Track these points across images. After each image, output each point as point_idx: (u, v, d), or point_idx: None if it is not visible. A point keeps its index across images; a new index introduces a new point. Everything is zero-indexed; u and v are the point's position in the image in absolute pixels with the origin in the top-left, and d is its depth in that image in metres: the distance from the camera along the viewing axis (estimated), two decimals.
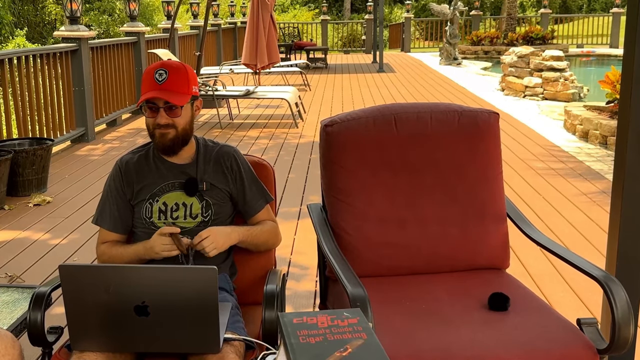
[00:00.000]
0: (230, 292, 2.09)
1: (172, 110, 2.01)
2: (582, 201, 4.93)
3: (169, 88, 2.00)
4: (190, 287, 1.59)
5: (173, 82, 2.01)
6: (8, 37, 19.67)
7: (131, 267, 1.71)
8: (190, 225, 2.07)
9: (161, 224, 2.06)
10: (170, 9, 11.19)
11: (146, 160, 2.14)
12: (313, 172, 5.90)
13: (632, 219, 2.17)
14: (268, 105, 10.10)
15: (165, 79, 1.99)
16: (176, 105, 2.01)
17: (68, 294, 1.61)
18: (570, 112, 7.73)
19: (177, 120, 2.03)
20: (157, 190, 2.09)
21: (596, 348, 1.86)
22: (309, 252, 3.88)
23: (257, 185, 2.18)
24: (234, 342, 1.77)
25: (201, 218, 2.08)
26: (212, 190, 2.10)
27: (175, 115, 2.02)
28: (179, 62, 2.13)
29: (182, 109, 2.03)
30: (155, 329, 1.62)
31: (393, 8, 31.46)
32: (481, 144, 2.39)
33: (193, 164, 2.12)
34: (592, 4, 32.76)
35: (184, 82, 2.03)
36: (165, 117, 2.02)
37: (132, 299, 1.58)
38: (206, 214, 2.08)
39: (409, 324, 1.96)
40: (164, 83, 1.99)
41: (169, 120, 2.02)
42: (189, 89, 2.04)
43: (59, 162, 6.36)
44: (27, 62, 6.42)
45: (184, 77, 2.04)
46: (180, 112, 2.03)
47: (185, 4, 17.60)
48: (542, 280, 3.48)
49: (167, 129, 2.03)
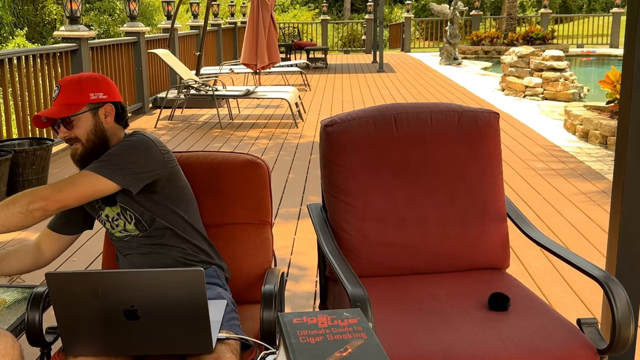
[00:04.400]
0: (224, 286, 2.07)
1: (68, 124, 1.99)
2: (582, 201, 4.93)
3: (59, 102, 1.99)
4: (178, 289, 1.59)
5: (64, 96, 1.99)
6: (8, 37, 19.67)
7: (118, 272, 1.72)
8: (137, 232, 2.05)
9: (118, 233, 2.07)
10: (170, 9, 11.19)
11: None
12: (313, 172, 5.90)
13: (632, 219, 2.17)
14: (268, 105, 10.10)
15: (57, 94, 2.00)
16: (65, 118, 1.98)
17: (57, 301, 1.61)
18: (571, 112, 7.73)
19: (76, 132, 1.99)
20: (97, 207, 2.07)
21: (596, 348, 1.86)
22: (309, 252, 3.88)
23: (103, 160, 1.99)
24: (229, 340, 1.77)
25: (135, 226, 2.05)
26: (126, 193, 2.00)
27: (70, 128, 1.99)
28: (80, 74, 2.10)
29: (77, 118, 1.99)
30: (146, 332, 1.62)
31: (393, 8, 31.46)
32: (481, 144, 2.39)
33: None
34: (592, 4, 32.77)
35: (75, 93, 2.00)
36: (63, 131, 2.00)
37: (121, 304, 1.59)
38: (130, 219, 2.04)
39: (409, 324, 1.96)
40: (56, 99, 2.00)
41: (67, 134, 2.00)
42: (83, 98, 2.00)
43: (59, 162, 6.36)
44: (27, 62, 6.42)
45: (77, 88, 2.01)
46: (79, 122, 1.99)
47: (185, 3, 17.60)
48: (542, 280, 3.48)
49: (74, 143, 2.01)
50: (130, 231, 2.05)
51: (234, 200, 2.26)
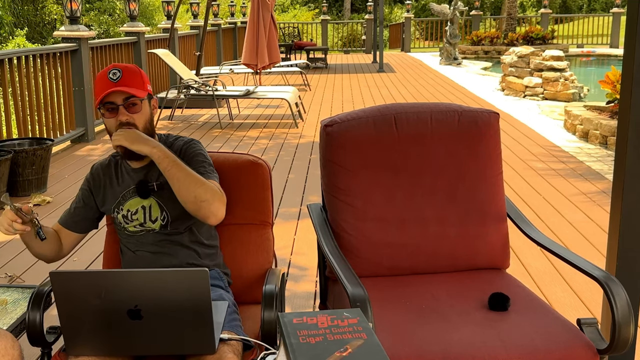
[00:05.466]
0: (226, 288, 2.07)
1: (132, 106, 1.97)
2: (582, 201, 4.93)
3: (125, 84, 1.96)
4: (182, 290, 1.59)
5: (128, 79, 1.97)
6: (8, 37, 19.67)
7: (122, 271, 1.71)
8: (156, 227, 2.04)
9: (132, 228, 2.05)
10: (170, 9, 11.19)
11: (115, 167, 2.12)
12: (313, 172, 5.90)
13: (632, 219, 2.17)
14: (268, 105, 10.10)
15: (120, 77, 1.96)
16: (136, 100, 1.96)
17: (60, 300, 1.61)
18: (571, 112, 7.73)
19: (137, 117, 1.98)
20: (121, 199, 2.07)
21: (596, 348, 1.86)
22: (309, 253, 3.88)
23: (202, 165, 2.06)
24: (231, 341, 1.77)
25: (160, 222, 2.04)
26: (164, 188, 2.01)
27: (135, 111, 1.97)
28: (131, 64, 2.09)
29: (142, 103, 1.99)
30: (149, 332, 1.62)
31: (393, 8, 31.47)
32: (481, 144, 2.39)
33: (150, 164, 2.04)
34: (592, 4, 32.76)
35: (139, 79, 2.00)
36: (125, 114, 1.97)
37: (124, 303, 1.58)
38: (162, 214, 2.03)
39: (409, 324, 1.96)
40: (120, 80, 1.96)
41: (129, 118, 1.97)
42: (145, 85, 2.01)
43: (58, 162, 6.36)
44: (27, 62, 6.42)
45: (139, 74, 2.01)
46: (141, 107, 1.99)
47: (185, 4, 17.60)
48: (542, 280, 3.48)
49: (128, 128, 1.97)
50: (148, 226, 2.04)
51: (235, 200, 2.26)
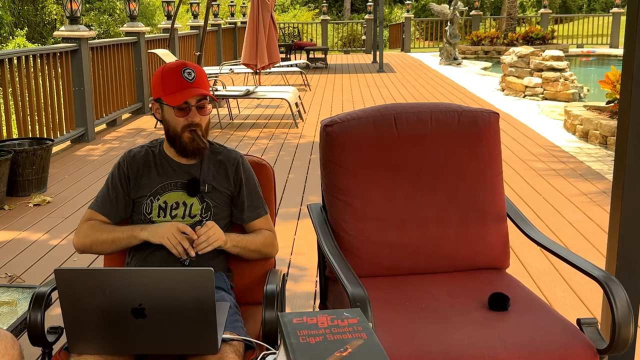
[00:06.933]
0: (228, 290, 2.08)
1: (202, 108, 2.02)
2: (582, 201, 4.93)
3: (200, 85, 2.00)
4: (187, 289, 1.59)
5: (201, 79, 2.02)
6: (8, 37, 19.66)
7: (127, 270, 1.71)
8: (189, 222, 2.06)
9: (159, 221, 2.06)
10: (170, 9, 11.18)
11: (153, 157, 2.14)
12: (313, 172, 5.90)
13: (632, 219, 2.17)
14: (268, 105, 10.10)
15: (195, 77, 1.99)
16: (206, 102, 2.02)
17: (65, 297, 1.60)
18: (570, 112, 7.73)
19: (203, 120, 2.04)
20: (159, 188, 2.09)
21: (596, 348, 1.86)
22: (309, 253, 3.88)
23: (257, 195, 2.17)
24: (233, 341, 1.77)
25: (199, 218, 2.07)
26: (213, 192, 2.09)
27: (205, 113, 2.03)
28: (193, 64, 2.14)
29: (209, 105, 2.05)
30: (152, 331, 1.62)
31: (393, 8, 31.47)
32: (481, 144, 2.39)
33: (198, 165, 2.11)
34: (592, 4, 32.76)
35: (207, 80, 2.06)
36: (198, 115, 2.02)
37: (129, 302, 1.58)
38: (205, 215, 2.08)
39: (409, 324, 1.96)
40: (195, 81, 1.99)
41: (199, 119, 2.02)
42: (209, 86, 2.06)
43: (59, 162, 6.36)
44: (27, 62, 6.42)
45: (206, 75, 2.06)
46: (209, 109, 2.05)
47: (185, 4, 17.60)
48: (542, 280, 3.48)
49: (192, 130, 2.02)
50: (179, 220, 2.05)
51: None
